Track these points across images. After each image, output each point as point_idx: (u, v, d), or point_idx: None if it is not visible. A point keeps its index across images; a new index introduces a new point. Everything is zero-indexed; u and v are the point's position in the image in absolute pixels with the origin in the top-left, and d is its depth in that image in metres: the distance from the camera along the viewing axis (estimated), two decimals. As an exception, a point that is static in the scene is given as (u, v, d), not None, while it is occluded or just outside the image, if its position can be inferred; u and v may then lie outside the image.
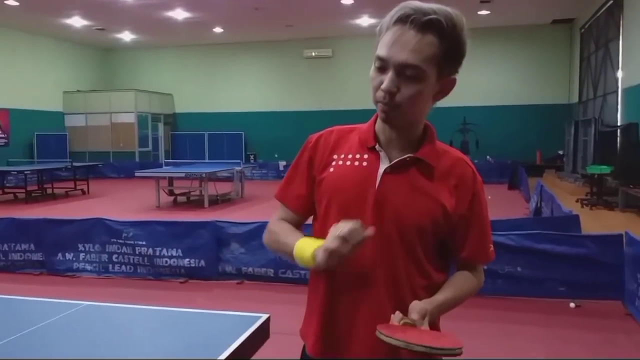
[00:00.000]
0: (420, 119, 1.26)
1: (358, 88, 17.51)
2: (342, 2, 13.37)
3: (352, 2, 13.38)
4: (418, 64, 1.13)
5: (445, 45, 1.15)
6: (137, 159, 17.54)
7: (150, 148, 18.67)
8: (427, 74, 1.15)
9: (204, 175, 10.49)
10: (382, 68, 1.17)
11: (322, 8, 13.88)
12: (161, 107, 19.19)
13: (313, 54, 17.92)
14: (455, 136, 15.76)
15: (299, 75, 18.20)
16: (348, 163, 1.27)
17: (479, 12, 14.10)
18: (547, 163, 15.35)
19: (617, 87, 11.28)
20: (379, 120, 1.28)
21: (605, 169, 9.87)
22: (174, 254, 5.35)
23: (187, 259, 5.32)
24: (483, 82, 15.97)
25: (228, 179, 12.16)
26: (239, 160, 13.18)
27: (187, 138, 19.21)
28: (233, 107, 18.77)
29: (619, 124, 10.93)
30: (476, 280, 1.32)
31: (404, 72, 1.14)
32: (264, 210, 9.79)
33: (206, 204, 10.41)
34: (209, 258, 5.29)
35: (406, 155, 1.23)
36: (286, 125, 18.11)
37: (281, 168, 17.12)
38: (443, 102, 1.28)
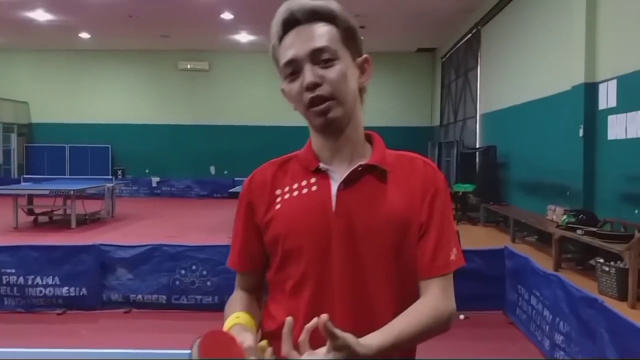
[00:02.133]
0: (358, 114, 1.17)
1: (235, 103, 17.39)
2: (221, 16, 13.21)
3: (232, 17, 13.28)
4: (326, 44, 1.09)
5: (341, 25, 1.12)
6: (-17, 174, 15.62)
7: (0, 161, 16.74)
8: (339, 53, 1.10)
9: (72, 192, 9.62)
10: (294, 72, 1.11)
11: (200, 20, 13.59)
12: (15, 116, 17.33)
13: (189, 66, 17.43)
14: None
15: (173, 88, 17.57)
16: (295, 194, 1.16)
17: (354, 37, 14.78)
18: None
19: (476, 113, 12.48)
20: (314, 140, 1.19)
21: (468, 187, 10.84)
22: (50, 282, 4.80)
23: (66, 287, 4.80)
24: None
25: (95, 197, 11.28)
26: (109, 177, 12.30)
27: (45, 151, 17.54)
28: (99, 118, 17.53)
29: (477, 146, 12.08)
30: (438, 307, 1.10)
31: (319, 58, 1.09)
32: (141, 231, 9.24)
33: (73, 224, 9.55)
34: (91, 286, 4.83)
35: (357, 165, 1.14)
36: (158, 139, 17.34)
37: (154, 184, 16.33)
38: None
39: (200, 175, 16.94)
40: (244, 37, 15.40)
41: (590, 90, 6.62)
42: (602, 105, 6.47)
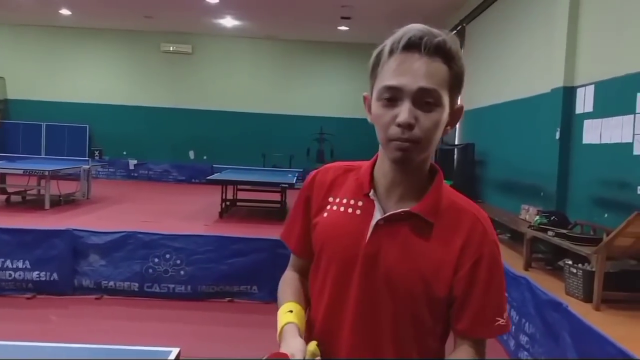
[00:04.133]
0: (429, 157, 1.14)
1: (217, 88, 17.22)
2: None
3: (217, 1, 13.11)
4: (436, 87, 1.05)
5: (454, 69, 1.08)
6: (-46, 150, 15.25)
7: (-29, 137, 16.37)
8: (443, 101, 1.07)
9: (47, 173, 9.45)
10: (392, 100, 1.06)
11: (185, 2, 13.38)
12: (-11, 91, 16.93)
13: (171, 48, 17.18)
14: (313, 145, 16.27)
15: (154, 70, 17.31)
16: (342, 209, 1.17)
17: (339, 28, 14.73)
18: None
19: (457, 110, 12.57)
20: (378, 163, 1.18)
21: (447, 183, 10.94)
22: (20, 265, 4.75)
23: (37, 272, 4.76)
24: (339, 94, 16.68)
25: (71, 177, 11.11)
26: (85, 158, 12.12)
27: (21, 128, 17.18)
28: (78, 97, 17.20)
29: (456, 142, 12.19)
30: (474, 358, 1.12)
31: (422, 100, 1.05)
32: (116, 215, 9.15)
33: (47, 205, 9.39)
34: (62, 271, 4.79)
35: (400, 210, 1.12)
36: (138, 121, 17.10)
37: (131, 167, 16.14)
38: (303, 111, 1.24)
39: (179, 160, 16.80)
40: (228, 21, 15.22)
41: (568, 94, 6.72)
42: (579, 109, 6.57)
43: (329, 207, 1.20)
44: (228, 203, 9.93)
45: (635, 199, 5.26)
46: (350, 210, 1.17)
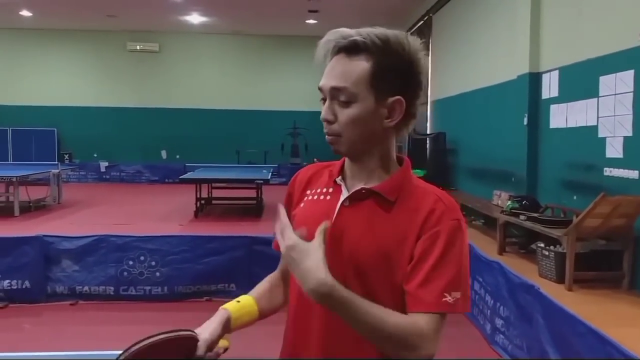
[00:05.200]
0: (372, 148, 1.18)
1: (186, 86, 17.02)
2: (171, -3, 12.86)
3: (183, -2, 12.95)
4: (345, 85, 1.13)
5: (376, 65, 1.12)
6: None
7: None
8: (358, 97, 1.13)
9: (14, 179, 9.23)
10: (324, 99, 1.19)
11: (149, 0, 13.18)
12: (-50, 97, 16.42)
13: (138, 47, 16.90)
14: (287, 139, 16.21)
15: (121, 70, 17.01)
16: (315, 197, 1.26)
17: (307, 21, 14.69)
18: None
19: (427, 99, 12.68)
20: None
21: (419, 173, 11.04)
22: (-10, 275, 4.64)
23: (7, 281, 4.66)
24: (311, 88, 16.61)
25: (40, 182, 10.87)
26: (55, 162, 11.87)
27: (-15, 134, 16.72)
28: (44, 100, 16.80)
29: (428, 132, 12.31)
30: (421, 331, 1.05)
31: (337, 98, 1.15)
32: (88, 218, 9.00)
33: (17, 212, 9.19)
34: (34, 278, 4.70)
35: (360, 187, 1.19)
36: (107, 123, 16.80)
37: (102, 169, 15.86)
38: (275, 106, 1.30)
39: (151, 160, 16.58)
40: (195, 18, 15.04)
41: (534, 79, 6.84)
42: (545, 94, 6.69)
43: (305, 198, 1.28)
44: (203, 202, 9.84)
45: (602, 180, 5.39)
46: (322, 197, 1.25)
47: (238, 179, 9.85)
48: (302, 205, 1.28)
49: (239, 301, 1.27)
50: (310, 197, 1.27)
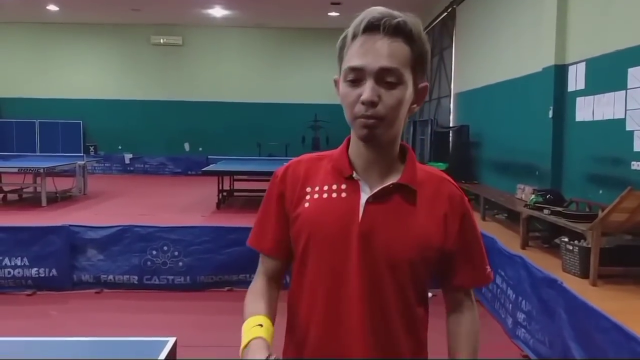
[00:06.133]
0: (399, 134, 1.18)
1: (209, 79, 17.14)
2: (194, -10, 12.94)
3: (206, -9, 13.02)
4: (397, 66, 1.09)
5: (416, 49, 1.13)
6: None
7: (-36, 137, 16.29)
8: (405, 79, 1.11)
9: (42, 170, 9.44)
10: (357, 80, 1.11)
11: (173, -6, 13.30)
12: (-20, 90, 16.82)
13: (162, 41, 17.06)
14: (307, 132, 16.23)
15: (145, 63, 17.21)
16: (325, 195, 1.18)
17: (329, 14, 14.64)
18: (388, 158, 16.52)
19: (450, 92, 12.56)
20: (352, 145, 1.21)
21: (441, 166, 10.94)
22: (19, 263, 4.76)
23: (35, 269, 4.77)
24: (331, 81, 16.55)
25: (67, 174, 11.10)
26: (81, 154, 12.09)
27: (14, 126, 17.09)
28: (70, 93, 17.11)
29: (451, 125, 12.19)
30: (475, 317, 1.27)
31: (384, 79, 1.09)
32: (113, 209, 9.15)
33: (44, 202, 9.39)
34: (61, 266, 4.81)
35: (389, 183, 1.16)
36: (131, 115, 17.04)
37: (127, 161, 16.11)
38: (296, 99, 1.24)
39: (175, 152, 16.77)
40: (218, 11, 15.11)
41: (560, 72, 6.72)
42: (571, 87, 6.57)
43: (308, 197, 1.20)
44: (225, 194, 9.93)
45: (629, 175, 5.28)
46: (334, 195, 1.18)
47: (259, 171, 9.92)
48: (306, 204, 1.19)
49: (261, 325, 1.14)
50: (317, 196, 1.19)
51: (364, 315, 1.13)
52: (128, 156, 16.13)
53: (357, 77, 1.11)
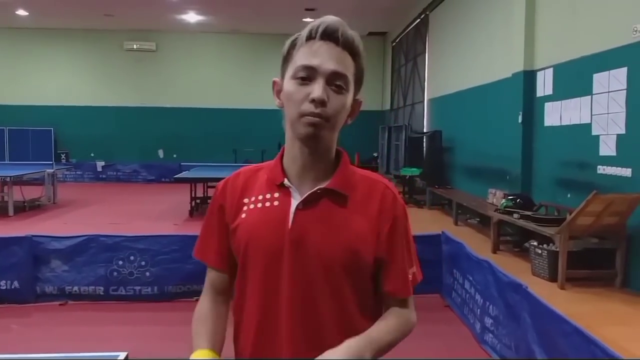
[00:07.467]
0: (335, 140, 1.20)
1: (184, 85, 16.99)
2: (167, -4, 12.83)
3: (179, -3, 12.92)
4: (346, 73, 1.14)
5: (359, 65, 1.18)
6: None
7: None
8: (350, 87, 1.16)
9: (8, 179, 9.21)
10: (307, 79, 1.12)
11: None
12: (-53, 96, 16.37)
13: (135, 46, 16.86)
14: (284, 139, 15.97)
15: (118, 69, 16.98)
16: (259, 205, 1.19)
17: (304, 19, 14.64)
18: (364, 164, 16.57)
19: (424, 97, 12.65)
20: (287, 152, 1.21)
21: (415, 171, 11.02)
22: (-21, 276, 4.61)
23: (-4, 281, 4.62)
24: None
25: (36, 182, 10.85)
26: (50, 162, 11.83)
27: (-18, 134, 16.67)
28: (42, 99, 16.77)
29: (425, 130, 12.27)
30: (409, 320, 1.22)
31: (334, 82, 1.12)
32: (82, 219, 8.97)
33: (11, 212, 9.16)
34: (23, 278, 4.65)
35: (316, 188, 1.16)
36: (104, 122, 16.78)
37: (99, 169, 15.85)
38: (272, 105, 1.24)
39: (148, 159, 16.55)
40: (192, 17, 15.01)
41: (528, 77, 6.81)
42: (539, 92, 6.67)
43: (245, 207, 1.21)
44: (198, 201, 9.82)
45: (596, 178, 5.36)
46: (267, 204, 1.19)
47: (233, 178, 9.80)
48: (243, 215, 1.20)
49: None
50: (252, 206, 1.20)
51: (294, 323, 1.14)
52: (100, 164, 15.87)
53: (308, 75, 1.12)
